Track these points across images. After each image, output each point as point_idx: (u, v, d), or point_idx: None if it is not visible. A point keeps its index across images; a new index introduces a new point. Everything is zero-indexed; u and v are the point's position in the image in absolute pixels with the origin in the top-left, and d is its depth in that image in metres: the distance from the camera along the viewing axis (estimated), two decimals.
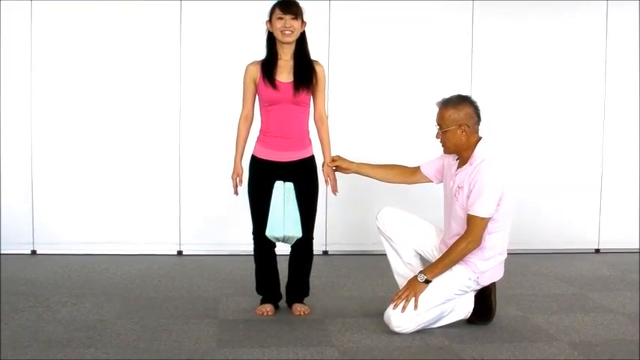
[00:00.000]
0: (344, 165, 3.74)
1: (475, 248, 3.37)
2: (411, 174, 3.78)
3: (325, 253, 5.21)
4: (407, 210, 3.73)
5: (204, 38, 5.05)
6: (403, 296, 3.35)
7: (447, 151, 3.51)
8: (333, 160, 3.73)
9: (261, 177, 3.62)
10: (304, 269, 3.76)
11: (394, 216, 3.64)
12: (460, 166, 3.50)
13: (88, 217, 5.06)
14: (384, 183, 3.87)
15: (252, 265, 3.78)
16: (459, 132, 3.42)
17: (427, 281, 3.36)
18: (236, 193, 3.72)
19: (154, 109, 5.05)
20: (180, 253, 5.15)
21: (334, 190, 3.76)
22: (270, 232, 3.60)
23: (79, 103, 5.00)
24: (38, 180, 5.02)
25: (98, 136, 5.03)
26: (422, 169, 3.74)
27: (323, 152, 3.75)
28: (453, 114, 3.43)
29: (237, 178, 3.69)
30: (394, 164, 3.84)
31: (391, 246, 3.65)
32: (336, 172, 3.77)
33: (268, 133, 3.61)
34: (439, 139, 3.50)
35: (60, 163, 5.02)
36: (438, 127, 3.48)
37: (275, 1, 3.59)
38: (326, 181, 3.75)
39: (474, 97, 3.56)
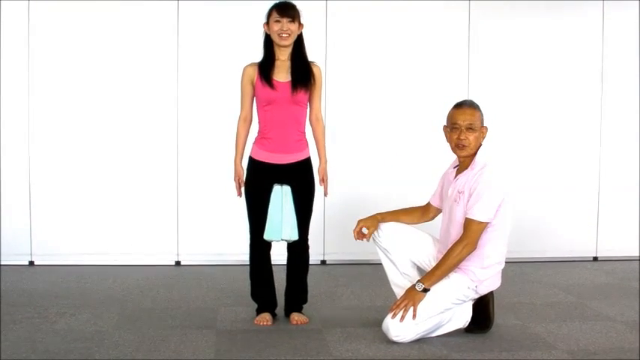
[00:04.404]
0: (371, 228, 3.61)
1: (471, 252, 3.37)
2: (426, 212, 3.76)
3: (323, 262, 5.21)
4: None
5: (201, 39, 5.07)
6: (402, 305, 3.34)
7: (467, 152, 3.47)
8: (363, 235, 3.62)
9: (259, 179, 3.64)
10: (301, 271, 3.77)
11: (390, 227, 3.62)
12: (460, 171, 3.51)
13: (86, 228, 5.06)
14: (381, 194, 3.87)
15: None
16: (484, 132, 3.49)
17: (425, 290, 3.35)
18: (239, 195, 3.73)
19: (152, 116, 5.06)
20: (178, 263, 5.14)
21: (325, 193, 3.80)
22: (267, 236, 3.62)
23: (76, 110, 5.01)
24: (36, 191, 5.02)
25: (95, 146, 5.04)
26: (431, 202, 3.75)
27: (318, 153, 3.77)
28: (481, 115, 3.50)
29: (239, 180, 3.71)
30: (409, 209, 3.76)
31: (387, 257, 3.64)
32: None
33: (266, 134, 3.63)
34: (462, 139, 3.44)
35: (58, 173, 5.03)
36: (469, 126, 3.44)
37: (272, 4, 3.61)
38: (320, 182, 3.77)
39: (471, 98, 3.58)
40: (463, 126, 3.45)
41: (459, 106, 3.52)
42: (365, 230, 3.63)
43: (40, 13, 4.94)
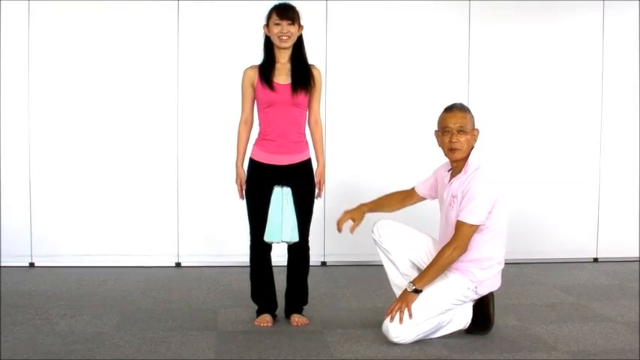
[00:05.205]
0: (357, 220, 3.71)
1: (461, 254, 3.37)
2: (408, 197, 3.80)
3: (324, 264, 5.21)
4: (404, 221, 3.72)
5: (201, 40, 5.06)
6: (396, 308, 3.35)
7: (459, 155, 3.47)
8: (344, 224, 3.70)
9: (259, 180, 3.64)
10: (302, 272, 3.78)
11: (390, 228, 3.63)
12: (454, 175, 3.51)
13: (87, 230, 5.05)
14: (382, 194, 3.87)
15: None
16: (475, 135, 3.48)
17: (416, 291, 3.35)
18: (242, 197, 3.73)
19: (152, 117, 5.05)
20: (178, 264, 5.14)
21: (319, 196, 3.79)
22: (268, 237, 3.62)
23: (76, 110, 5.00)
24: (36, 192, 5.01)
25: (96, 147, 5.03)
26: (416, 189, 3.77)
27: (316, 156, 3.77)
28: (471, 118, 3.49)
29: (241, 183, 3.71)
30: (391, 194, 3.83)
31: (388, 258, 3.65)
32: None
33: (266, 136, 3.63)
34: (454, 142, 3.43)
35: (58, 175, 5.02)
36: (460, 129, 3.44)
37: (272, 6, 3.62)
38: (317, 184, 3.77)
39: (471, 100, 3.58)
40: (454, 129, 3.45)
41: (449, 109, 3.52)
42: (351, 222, 3.66)
43: (40, 13, 4.94)
